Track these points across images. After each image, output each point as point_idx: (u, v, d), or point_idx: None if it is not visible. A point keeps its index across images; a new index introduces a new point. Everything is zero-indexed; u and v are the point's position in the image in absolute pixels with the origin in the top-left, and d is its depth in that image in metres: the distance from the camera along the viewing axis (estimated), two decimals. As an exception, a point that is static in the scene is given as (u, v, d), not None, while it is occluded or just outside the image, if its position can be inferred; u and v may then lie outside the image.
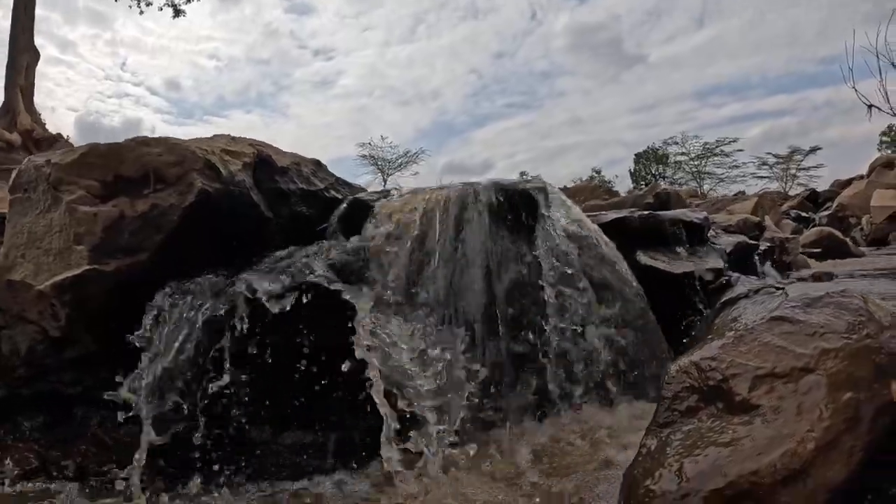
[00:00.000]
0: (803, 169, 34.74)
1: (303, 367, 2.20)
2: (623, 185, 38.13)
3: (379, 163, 38.61)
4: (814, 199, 12.33)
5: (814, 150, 34.66)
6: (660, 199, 3.71)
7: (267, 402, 2.20)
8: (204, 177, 2.25)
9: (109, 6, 23.61)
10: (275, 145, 2.85)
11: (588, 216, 3.02)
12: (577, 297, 2.46)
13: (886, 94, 7.75)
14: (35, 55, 19.93)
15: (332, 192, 3.03)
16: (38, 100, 18.87)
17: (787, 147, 36.45)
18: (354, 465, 2.14)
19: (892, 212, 9.53)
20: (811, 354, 1.55)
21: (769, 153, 36.15)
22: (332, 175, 3.12)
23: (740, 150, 37.03)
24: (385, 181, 37.98)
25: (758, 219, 3.88)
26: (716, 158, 37.39)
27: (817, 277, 4.77)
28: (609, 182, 37.83)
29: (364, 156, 38.62)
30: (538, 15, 77.63)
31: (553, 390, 2.43)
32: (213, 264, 2.34)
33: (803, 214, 11.52)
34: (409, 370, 2.16)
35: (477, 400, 2.26)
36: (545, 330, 2.44)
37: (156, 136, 2.27)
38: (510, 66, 74.90)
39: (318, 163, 3.07)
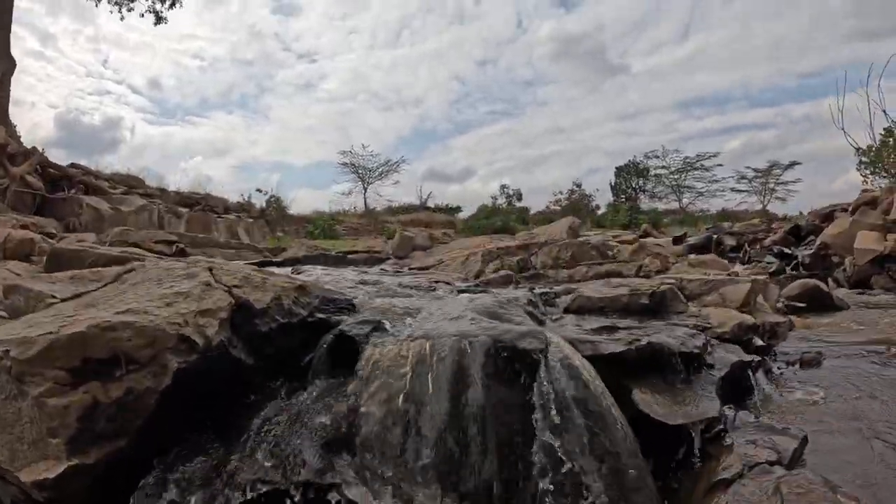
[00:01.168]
0: (781, 183, 35.12)
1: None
2: (603, 199, 38.30)
3: (360, 171, 38.49)
4: (796, 234, 12.36)
5: (792, 164, 35.07)
6: (655, 300, 3.63)
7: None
8: (179, 353, 2.14)
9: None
10: (257, 277, 2.72)
11: (584, 340, 2.92)
12: (575, 454, 2.35)
13: (874, 135, 7.78)
14: (11, 63, 19.32)
15: (318, 315, 2.92)
16: (18, 94, 18.47)
17: (765, 161, 36.85)
18: None
19: (875, 255, 9.56)
20: None
21: (748, 167, 36.58)
22: (316, 296, 2.99)
23: (720, 165, 37.37)
24: (365, 189, 37.88)
25: (752, 320, 3.81)
26: (696, 172, 37.69)
27: (806, 363, 4.71)
28: (590, 196, 37.96)
29: (345, 164, 38.41)
30: (524, 23, 77.33)
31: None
32: (190, 430, 2.23)
33: (786, 251, 11.53)
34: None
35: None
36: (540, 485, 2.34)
37: (122, 319, 2.12)
38: (493, 73, 74.77)
39: (300, 288, 2.94)
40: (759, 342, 3.99)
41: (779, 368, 4.34)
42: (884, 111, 7.16)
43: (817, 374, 4.31)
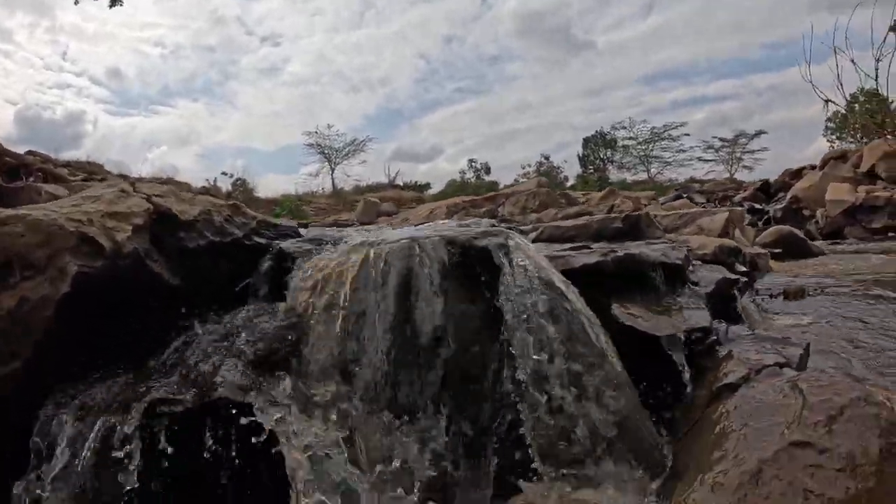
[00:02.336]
0: (748, 152, 35.23)
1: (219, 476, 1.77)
2: (572, 171, 38.06)
3: (326, 151, 37.52)
4: (766, 190, 12.26)
5: (758, 133, 35.19)
6: (629, 222, 3.35)
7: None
8: (80, 256, 1.80)
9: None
10: (185, 193, 2.39)
11: (555, 255, 2.64)
12: (547, 366, 2.05)
13: (842, 87, 7.61)
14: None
15: (255, 239, 2.59)
16: (-24, 92, 17.68)
17: (731, 131, 36.91)
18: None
19: (847, 206, 9.46)
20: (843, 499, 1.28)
21: (715, 137, 36.54)
22: (253, 218, 2.66)
23: (687, 135, 37.29)
24: (332, 170, 37.04)
25: (734, 243, 3.57)
26: (663, 143, 37.60)
27: (790, 294, 4.52)
28: (559, 168, 37.70)
29: (311, 144, 37.46)
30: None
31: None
32: (103, 350, 1.90)
33: (756, 206, 11.41)
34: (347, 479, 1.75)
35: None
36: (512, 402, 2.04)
37: (15, 213, 1.78)
38: (459, 51, 73.54)
39: (235, 206, 2.61)
40: (742, 268, 3.75)
41: (762, 300, 4.14)
42: (851, 60, 6.96)
43: (803, 304, 4.10)
